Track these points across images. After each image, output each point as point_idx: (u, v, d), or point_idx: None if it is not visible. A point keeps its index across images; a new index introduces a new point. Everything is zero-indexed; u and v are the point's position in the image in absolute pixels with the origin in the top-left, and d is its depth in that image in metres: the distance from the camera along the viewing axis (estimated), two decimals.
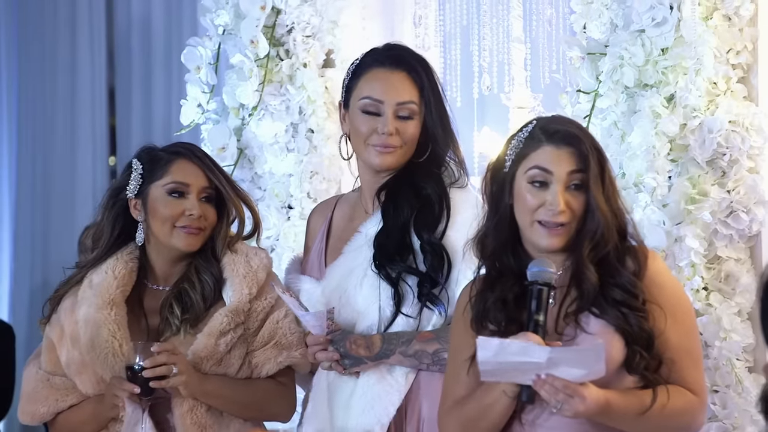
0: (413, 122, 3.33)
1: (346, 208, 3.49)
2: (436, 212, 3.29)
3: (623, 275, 2.81)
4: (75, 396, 3.33)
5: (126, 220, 3.38)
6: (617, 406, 2.74)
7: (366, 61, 3.37)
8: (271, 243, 4.63)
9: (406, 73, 3.33)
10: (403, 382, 3.27)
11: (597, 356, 2.64)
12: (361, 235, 3.36)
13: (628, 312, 2.78)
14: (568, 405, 2.69)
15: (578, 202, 2.83)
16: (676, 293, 2.88)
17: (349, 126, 3.39)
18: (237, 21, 4.67)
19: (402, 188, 3.33)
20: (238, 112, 4.73)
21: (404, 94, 3.32)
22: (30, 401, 3.36)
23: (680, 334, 2.82)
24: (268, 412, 3.40)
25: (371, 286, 3.29)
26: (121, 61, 6.58)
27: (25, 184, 6.52)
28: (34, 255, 6.46)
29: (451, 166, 3.38)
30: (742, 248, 3.69)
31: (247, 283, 3.32)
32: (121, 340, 3.27)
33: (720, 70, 3.69)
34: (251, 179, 4.74)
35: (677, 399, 2.79)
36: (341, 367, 3.27)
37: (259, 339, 3.34)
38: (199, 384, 3.24)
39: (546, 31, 4.70)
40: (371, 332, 3.28)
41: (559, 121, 2.91)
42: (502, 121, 5.05)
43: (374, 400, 3.26)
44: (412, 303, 3.26)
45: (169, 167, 3.33)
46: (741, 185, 3.65)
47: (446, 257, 3.26)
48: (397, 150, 3.32)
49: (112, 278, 3.33)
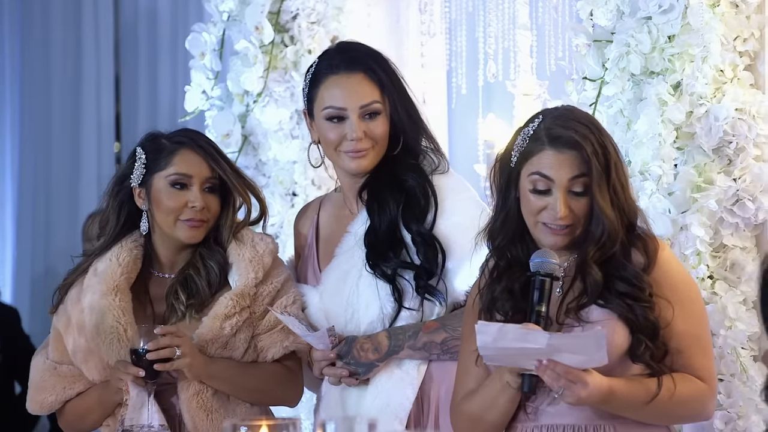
0: (380, 119, 3.31)
1: (331, 209, 3.48)
2: (422, 203, 3.28)
3: (629, 269, 2.82)
4: (82, 384, 3.35)
5: (131, 208, 3.39)
6: (621, 393, 2.74)
7: (321, 69, 3.33)
8: (276, 230, 4.63)
9: (363, 73, 3.30)
10: (415, 374, 3.27)
11: (597, 344, 2.63)
12: (350, 235, 3.35)
13: (632, 303, 2.78)
14: (570, 391, 2.68)
15: (581, 206, 2.84)
16: (684, 281, 2.89)
17: (317, 134, 3.36)
18: (242, 7, 4.66)
19: (383, 184, 3.30)
20: (242, 98, 4.72)
21: (365, 96, 3.29)
22: (38, 390, 3.38)
23: (688, 322, 2.82)
24: (274, 396, 3.40)
25: (369, 285, 3.27)
26: (127, 48, 6.58)
27: (29, 171, 6.53)
28: (37, 241, 6.47)
29: (429, 154, 3.35)
30: (747, 237, 3.68)
31: (253, 267, 3.33)
32: (125, 325, 3.28)
33: (727, 58, 3.67)
34: (255, 166, 4.74)
35: (685, 386, 2.79)
36: (353, 380, 3.26)
37: (265, 323, 3.34)
38: (204, 367, 3.24)
39: (552, 18, 4.69)
40: (374, 332, 3.27)
41: (563, 122, 2.87)
42: (507, 108, 5.04)
43: (389, 398, 3.25)
44: (412, 296, 3.25)
45: (172, 158, 3.33)
46: (747, 173, 3.63)
47: (439, 247, 3.24)
48: (370, 151, 3.30)
49: (117, 265, 3.33)
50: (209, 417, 3.27)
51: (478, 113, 5.10)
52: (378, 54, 3.36)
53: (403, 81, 3.36)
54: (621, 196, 2.85)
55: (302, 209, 3.64)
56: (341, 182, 3.42)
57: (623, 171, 2.90)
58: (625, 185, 2.88)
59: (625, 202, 2.86)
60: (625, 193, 2.87)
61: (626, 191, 2.88)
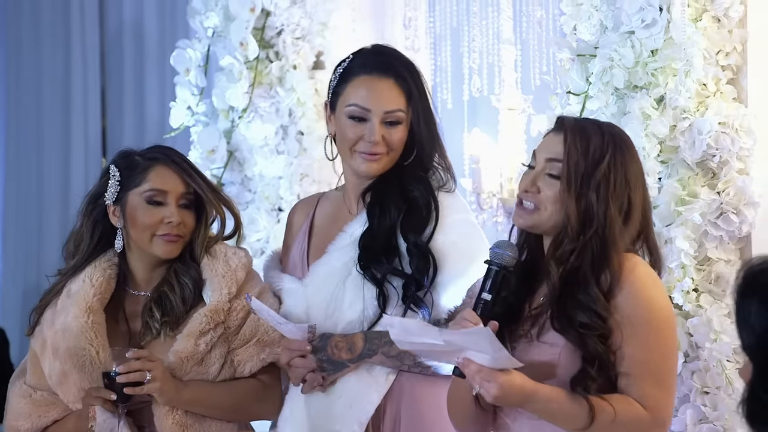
0: (400, 128, 3.33)
1: (329, 207, 3.48)
2: (424, 215, 3.29)
3: (590, 292, 2.76)
4: (57, 411, 3.32)
5: (105, 226, 3.38)
6: (546, 399, 2.71)
7: (353, 67, 3.35)
8: (261, 245, 4.63)
9: (394, 80, 3.32)
10: (383, 382, 3.27)
11: (490, 342, 2.64)
12: (345, 234, 3.35)
13: (586, 333, 2.75)
14: (484, 389, 2.69)
15: (551, 191, 2.82)
16: (647, 306, 2.78)
17: (335, 129, 3.38)
18: (226, 23, 4.67)
19: (389, 190, 3.32)
20: (227, 114, 4.73)
21: (391, 102, 3.31)
22: (13, 417, 3.36)
23: (639, 347, 2.75)
24: (252, 413, 3.39)
25: (355, 286, 3.28)
26: (112, 64, 6.57)
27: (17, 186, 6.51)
28: (28, 258, 6.45)
29: (439, 171, 3.37)
30: (732, 249, 3.68)
31: (226, 283, 3.32)
32: (98, 347, 3.26)
33: (710, 72, 3.68)
34: (241, 182, 4.74)
35: (623, 409, 2.73)
36: (319, 377, 3.26)
37: (241, 337, 3.33)
38: (176, 392, 3.23)
39: (536, 33, 4.70)
40: (352, 331, 3.27)
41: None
42: (492, 123, 5.05)
43: (353, 399, 3.25)
44: (397, 304, 3.26)
45: (146, 174, 3.32)
46: (731, 186, 3.64)
47: (432, 260, 3.25)
48: (383, 157, 3.32)
49: (89, 286, 3.32)
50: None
51: (464, 128, 5.11)
52: (411, 64, 3.39)
53: (430, 96, 3.38)
54: (589, 200, 2.81)
55: (299, 202, 3.65)
56: (346, 181, 3.43)
57: (613, 182, 2.85)
58: (609, 196, 2.83)
59: (593, 208, 2.81)
60: (606, 203, 2.82)
61: (608, 201, 2.82)
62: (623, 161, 2.84)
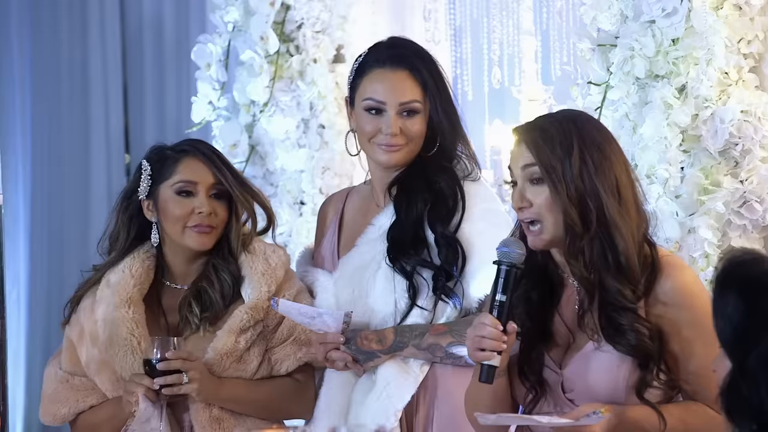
0: (418, 118, 3.33)
1: (358, 201, 3.50)
2: (450, 205, 3.29)
3: (623, 293, 2.71)
4: (95, 397, 3.35)
5: (141, 222, 3.40)
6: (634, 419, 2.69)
7: (368, 61, 3.36)
8: (284, 239, 4.64)
9: (408, 71, 3.32)
10: (419, 372, 3.28)
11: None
12: (374, 228, 3.37)
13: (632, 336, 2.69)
14: None
15: (542, 198, 2.76)
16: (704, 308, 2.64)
17: (355, 123, 3.39)
18: (246, 17, 4.68)
19: (414, 182, 3.33)
20: (249, 108, 4.74)
21: (406, 93, 3.32)
22: (51, 402, 3.39)
23: (702, 344, 2.69)
24: (286, 411, 3.41)
25: (386, 278, 3.29)
26: (133, 60, 6.59)
27: (39, 184, 6.53)
28: (51, 256, 6.47)
29: (463, 160, 3.38)
30: (755, 238, 3.67)
31: (266, 281, 3.34)
32: (139, 337, 3.29)
33: (731, 60, 3.67)
34: (263, 176, 4.75)
35: (695, 419, 2.71)
36: (359, 366, 3.27)
37: (278, 336, 3.35)
38: (215, 391, 3.25)
39: (556, 23, 4.70)
40: (385, 325, 3.28)
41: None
42: (513, 114, 5.05)
43: (390, 389, 3.26)
44: (427, 296, 3.26)
45: (176, 166, 3.35)
46: (754, 175, 3.63)
47: (461, 250, 3.25)
48: (403, 147, 3.32)
49: (129, 277, 3.35)
50: (220, 426, 3.28)
51: (485, 119, 5.11)
52: (427, 55, 3.39)
53: (449, 85, 3.38)
54: (578, 188, 2.75)
55: (330, 197, 3.66)
56: (372, 175, 3.44)
57: (612, 181, 2.81)
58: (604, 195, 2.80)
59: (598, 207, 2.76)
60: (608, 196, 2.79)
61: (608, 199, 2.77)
62: (591, 136, 2.77)
